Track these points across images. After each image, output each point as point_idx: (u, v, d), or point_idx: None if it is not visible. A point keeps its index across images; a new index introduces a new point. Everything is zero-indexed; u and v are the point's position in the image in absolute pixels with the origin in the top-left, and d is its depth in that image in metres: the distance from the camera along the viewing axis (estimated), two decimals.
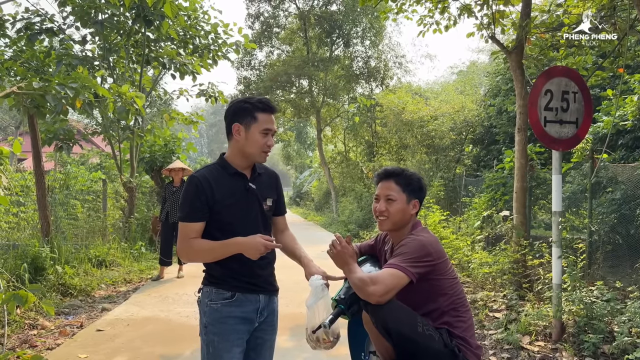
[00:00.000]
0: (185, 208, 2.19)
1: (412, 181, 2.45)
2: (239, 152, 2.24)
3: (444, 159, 14.07)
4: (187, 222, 2.17)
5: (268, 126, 2.21)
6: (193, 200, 2.15)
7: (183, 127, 15.22)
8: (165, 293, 6.85)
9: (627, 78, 7.52)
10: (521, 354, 4.38)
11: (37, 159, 7.08)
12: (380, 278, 2.11)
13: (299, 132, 38.32)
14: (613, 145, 7.50)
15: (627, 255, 6.05)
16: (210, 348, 2.17)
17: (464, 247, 7.80)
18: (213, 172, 2.22)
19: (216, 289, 2.21)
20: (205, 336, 2.19)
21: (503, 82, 12.86)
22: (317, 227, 18.62)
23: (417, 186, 2.47)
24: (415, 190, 2.45)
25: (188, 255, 2.19)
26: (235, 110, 2.23)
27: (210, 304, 2.20)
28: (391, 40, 27.32)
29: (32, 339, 4.86)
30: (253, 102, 2.22)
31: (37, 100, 5.71)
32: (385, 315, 2.09)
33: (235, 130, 2.21)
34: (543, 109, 4.43)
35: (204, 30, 10.29)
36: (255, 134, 2.20)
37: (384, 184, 2.45)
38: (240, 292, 2.22)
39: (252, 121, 2.19)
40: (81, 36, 9.51)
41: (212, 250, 2.15)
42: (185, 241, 2.17)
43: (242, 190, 2.24)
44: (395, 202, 2.40)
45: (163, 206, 7.92)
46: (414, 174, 2.51)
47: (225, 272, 2.21)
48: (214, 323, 2.17)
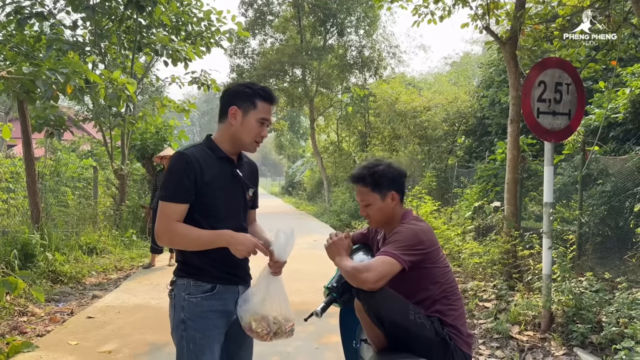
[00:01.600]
0: (170, 186, 2.00)
1: (378, 178, 2.35)
2: (230, 137, 2.13)
3: (437, 150, 14.10)
4: (171, 203, 1.99)
5: (266, 116, 2.12)
6: (181, 178, 1.98)
7: (175, 115, 15.11)
8: (156, 281, 6.84)
9: (620, 71, 7.55)
10: (510, 344, 4.42)
11: (27, 145, 7.02)
12: (373, 265, 2.10)
13: (292, 121, 38.19)
14: (604, 138, 7.54)
15: (616, 246, 6.11)
16: (191, 344, 2.02)
17: (454, 237, 7.84)
18: (201, 152, 2.07)
19: (194, 280, 2.06)
20: (184, 332, 2.02)
21: (496, 73, 12.88)
22: (309, 216, 18.64)
23: (388, 179, 2.36)
24: (385, 184, 2.36)
25: (170, 239, 2.02)
26: (236, 92, 2.13)
27: (189, 297, 2.04)
28: (385, 30, 27.30)
29: (22, 325, 4.84)
30: (255, 88, 2.13)
31: (27, 85, 5.63)
32: (378, 303, 2.09)
33: (231, 113, 2.10)
34: (536, 100, 4.44)
35: (197, 17, 10.19)
36: (251, 121, 2.10)
37: (357, 189, 2.42)
38: (220, 284, 2.08)
39: (251, 107, 2.10)
40: (72, 21, 9.37)
41: (199, 238, 2.01)
42: (166, 223, 1.99)
43: (229, 175, 2.13)
44: (371, 205, 2.38)
45: (154, 194, 7.87)
46: (380, 167, 2.38)
47: (205, 262, 2.06)
48: (194, 318, 2.03)
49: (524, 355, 4.20)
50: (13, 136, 6.56)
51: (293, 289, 6.46)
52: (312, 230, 13.45)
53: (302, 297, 5.94)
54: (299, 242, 10.87)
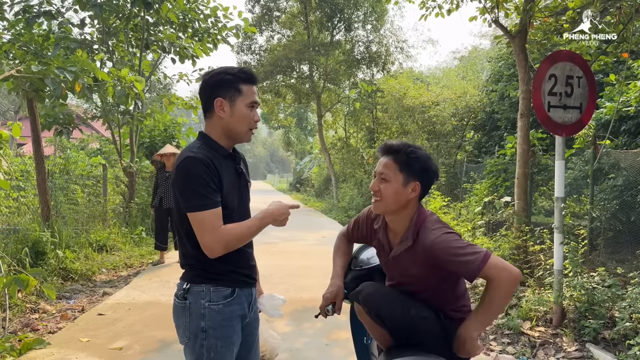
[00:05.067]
0: (200, 194, 1.82)
1: (413, 160, 2.08)
2: (223, 131, 1.98)
3: (445, 145, 14.03)
4: (208, 210, 1.83)
5: (254, 98, 1.97)
6: (207, 182, 1.83)
7: (183, 112, 15.16)
8: (166, 277, 6.87)
9: (631, 63, 7.45)
10: (522, 339, 4.39)
11: (36, 143, 7.05)
12: (500, 266, 1.93)
13: (299, 117, 38.17)
14: (616, 132, 7.46)
15: (628, 241, 6.04)
16: (212, 353, 1.91)
17: (464, 233, 7.80)
18: (209, 152, 1.92)
19: (214, 286, 1.92)
20: (205, 341, 1.90)
21: (505, 67, 12.77)
22: (317, 213, 18.64)
23: (420, 166, 2.09)
24: (416, 170, 2.08)
25: (227, 245, 1.85)
26: (216, 82, 1.96)
27: (211, 305, 1.91)
28: (393, 24, 27.16)
29: (33, 322, 4.88)
30: (234, 72, 1.96)
31: (36, 83, 5.66)
32: (378, 303, 2.06)
33: (217, 106, 1.94)
34: (547, 94, 4.39)
35: (204, 13, 10.18)
36: (242, 109, 1.95)
37: (382, 160, 2.14)
38: (239, 288, 1.99)
39: (237, 94, 1.94)
40: (80, 19, 9.41)
41: (250, 229, 1.92)
42: (216, 232, 1.83)
43: (235, 174, 2.01)
44: (389, 183, 2.09)
45: (156, 192, 7.90)
46: (419, 151, 2.12)
47: (227, 266, 1.94)
48: (215, 327, 1.90)
49: (536, 351, 4.17)
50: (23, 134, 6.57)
51: (302, 285, 6.46)
52: (321, 227, 13.45)
53: (311, 294, 5.94)
54: (308, 239, 10.86)
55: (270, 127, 38.07)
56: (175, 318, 2.00)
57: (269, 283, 6.40)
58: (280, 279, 6.82)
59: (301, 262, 8.16)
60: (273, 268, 7.45)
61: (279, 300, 2.22)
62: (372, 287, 2.20)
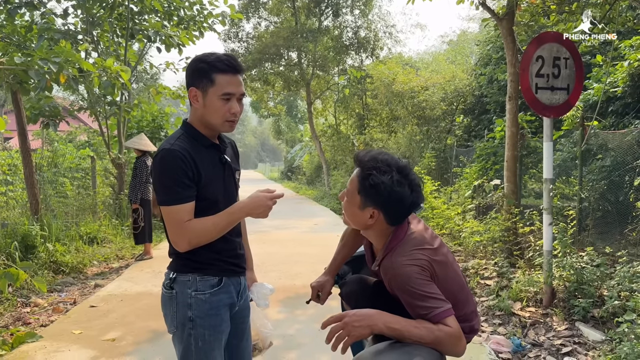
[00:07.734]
0: (172, 189, 1.79)
1: (369, 187, 1.77)
2: (199, 121, 1.91)
3: (435, 130, 14.04)
4: (177, 205, 1.80)
5: (229, 89, 1.83)
6: (180, 177, 1.78)
7: (171, 102, 15.03)
8: (158, 268, 6.85)
9: (618, 44, 7.47)
10: (512, 320, 4.44)
11: (22, 136, 6.97)
12: (451, 333, 1.67)
13: (289, 105, 38.03)
14: (603, 112, 7.51)
15: (617, 221, 6.11)
16: (200, 342, 1.90)
17: (455, 216, 7.85)
18: (188, 143, 1.86)
19: (200, 276, 1.90)
20: (193, 330, 1.88)
21: (494, 50, 12.78)
22: (309, 200, 18.65)
23: (382, 194, 1.76)
24: (373, 197, 1.77)
25: (190, 241, 1.82)
26: (192, 70, 1.86)
27: (197, 294, 1.89)
28: (381, 9, 26.92)
29: (25, 316, 4.85)
30: (210, 60, 1.83)
31: (20, 75, 5.57)
32: (358, 303, 2.03)
33: (191, 95, 1.86)
34: (534, 76, 4.39)
35: (189, 1, 10.05)
36: (213, 100, 1.83)
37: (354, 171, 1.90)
38: (226, 276, 1.96)
39: (209, 85, 1.82)
40: (63, 9, 9.25)
41: (217, 225, 1.85)
42: (180, 227, 1.81)
43: (219, 164, 1.95)
44: (348, 202, 1.87)
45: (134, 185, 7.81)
46: (381, 177, 1.75)
47: (213, 255, 1.92)
48: (203, 316, 1.89)
49: (527, 331, 4.22)
50: (8, 128, 6.51)
51: (294, 272, 6.48)
52: (313, 215, 13.46)
53: (304, 281, 5.96)
54: (299, 226, 10.88)
55: (260, 115, 37.86)
56: (163, 307, 1.98)
57: (261, 271, 6.41)
58: (272, 266, 6.83)
59: (293, 249, 8.18)
60: (265, 256, 7.46)
61: (267, 289, 2.21)
62: (356, 284, 2.20)
